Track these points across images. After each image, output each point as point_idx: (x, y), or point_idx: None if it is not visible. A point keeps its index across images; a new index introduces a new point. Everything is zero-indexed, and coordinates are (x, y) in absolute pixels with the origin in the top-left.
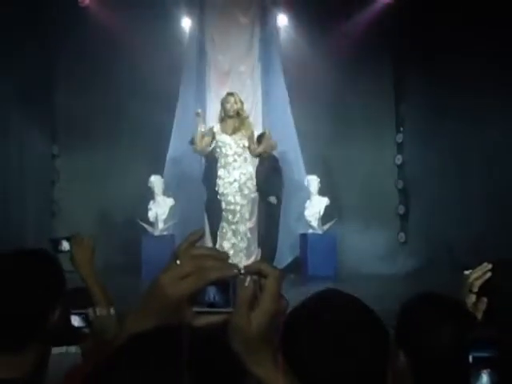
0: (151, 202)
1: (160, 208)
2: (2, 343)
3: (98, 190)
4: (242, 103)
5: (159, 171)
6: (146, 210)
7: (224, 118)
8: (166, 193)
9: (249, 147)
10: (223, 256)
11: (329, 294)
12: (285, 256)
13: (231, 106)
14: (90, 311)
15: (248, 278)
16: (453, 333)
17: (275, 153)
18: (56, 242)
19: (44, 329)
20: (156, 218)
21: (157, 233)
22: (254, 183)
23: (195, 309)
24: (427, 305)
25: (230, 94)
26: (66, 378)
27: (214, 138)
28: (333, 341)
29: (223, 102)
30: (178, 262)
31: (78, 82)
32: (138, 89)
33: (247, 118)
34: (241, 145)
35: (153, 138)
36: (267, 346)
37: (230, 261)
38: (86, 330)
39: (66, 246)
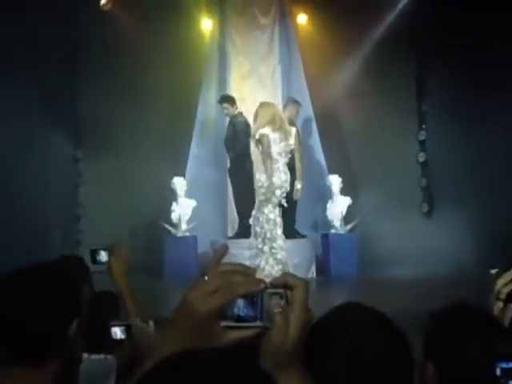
0: (174, 204)
1: (182, 209)
2: (22, 357)
3: (121, 193)
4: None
5: (182, 173)
6: (169, 212)
7: None
8: (188, 194)
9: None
10: (250, 271)
11: (349, 309)
12: (307, 258)
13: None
14: (131, 323)
15: (277, 309)
16: (483, 346)
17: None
18: (95, 253)
19: (63, 341)
20: (179, 219)
21: (179, 234)
22: (257, 188)
23: (223, 323)
24: (458, 317)
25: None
26: None
27: None
28: (354, 357)
29: None
30: (206, 278)
31: (102, 85)
32: (161, 91)
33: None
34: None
35: (175, 140)
36: (296, 361)
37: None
38: (127, 342)
39: (104, 256)
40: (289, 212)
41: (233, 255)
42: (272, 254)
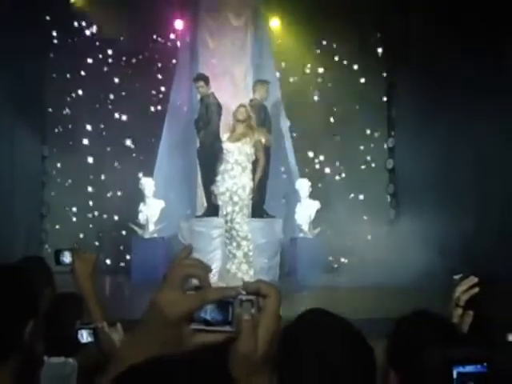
0: (142, 205)
1: (150, 210)
2: None
3: (88, 192)
4: (253, 113)
5: (150, 173)
6: (137, 212)
7: (234, 125)
8: (156, 195)
9: (255, 155)
10: (207, 268)
11: (314, 316)
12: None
13: (241, 113)
14: (97, 326)
15: (246, 316)
16: (442, 352)
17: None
18: (59, 253)
19: (18, 342)
20: (147, 220)
21: (147, 235)
22: (246, 193)
23: (193, 326)
24: (419, 324)
25: (242, 106)
26: None
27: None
28: (319, 364)
29: (235, 112)
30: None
31: (68, 83)
32: (129, 91)
33: (256, 128)
34: (244, 152)
35: (144, 141)
36: (266, 368)
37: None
38: (93, 345)
39: (67, 257)
40: (258, 191)
41: (201, 233)
42: (245, 255)
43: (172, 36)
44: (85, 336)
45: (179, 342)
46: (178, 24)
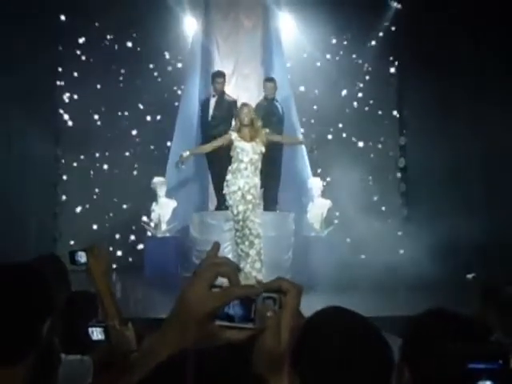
0: (154, 204)
1: (163, 209)
2: None
3: (100, 191)
4: (255, 113)
5: (162, 173)
6: (149, 212)
7: (240, 127)
8: (168, 194)
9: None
10: (236, 267)
11: (331, 313)
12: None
13: (245, 115)
14: (109, 324)
15: (270, 313)
16: (455, 349)
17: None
18: (73, 254)
19: (36, 341)
20: (159, 219)
21: (160, 234)
22: (257, 192)
23: (217, 322)
24: (434, 322)
25: (244, 105)
26: None
27: (232, 145)
28: (337, 360)
29: (238, 113)
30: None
31: (81, 82)
32: (142, 91)
33: (261, 127)
34: (258, 151)
35: (156, 140)
36: (287, 364)
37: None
38: (105, 343)
39: (82, 257)
40: (270, 183)
41: (212, 226)
42: (257, 253)
43: (183, 36)
44: (95, 334)
45: (205, 339)
46: (189, 25)
